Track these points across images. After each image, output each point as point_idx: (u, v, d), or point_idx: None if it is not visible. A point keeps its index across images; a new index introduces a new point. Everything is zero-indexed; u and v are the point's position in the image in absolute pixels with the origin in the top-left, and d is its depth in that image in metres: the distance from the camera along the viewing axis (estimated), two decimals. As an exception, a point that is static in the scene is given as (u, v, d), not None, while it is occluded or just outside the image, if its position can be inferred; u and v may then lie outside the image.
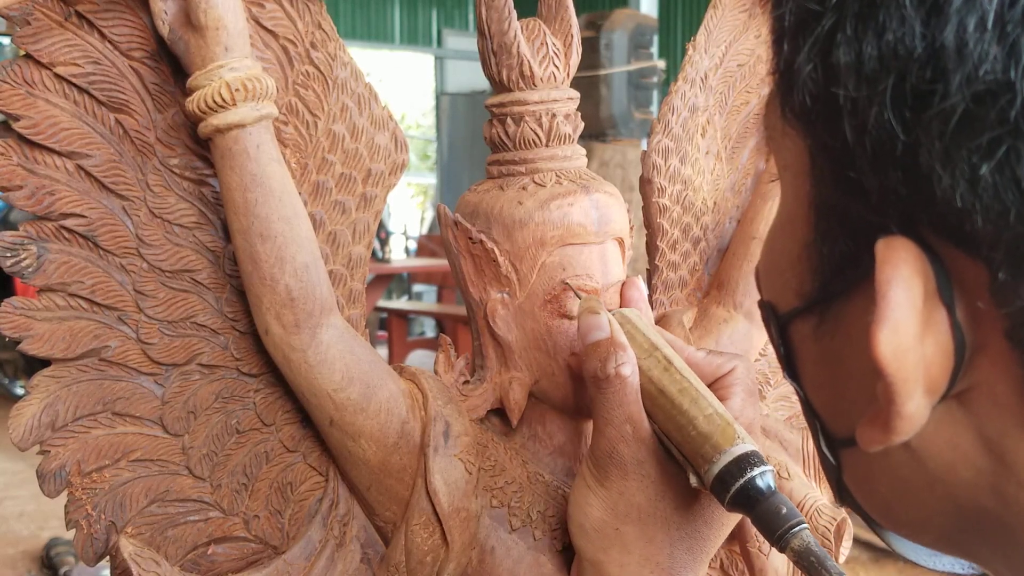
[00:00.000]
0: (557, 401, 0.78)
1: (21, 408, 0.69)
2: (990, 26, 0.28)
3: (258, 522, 0.77)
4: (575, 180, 0.76)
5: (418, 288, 8.33)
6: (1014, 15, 0.28)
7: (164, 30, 0.69)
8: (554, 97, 0.77)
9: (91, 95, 0.70)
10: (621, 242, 0.78)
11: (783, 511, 0.59)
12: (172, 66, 0.72)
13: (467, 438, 0.76)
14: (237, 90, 0.68)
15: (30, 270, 0.69)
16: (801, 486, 0.87)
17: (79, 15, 0.69)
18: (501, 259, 0.76)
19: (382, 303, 6.03)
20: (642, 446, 0.66)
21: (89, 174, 0.71)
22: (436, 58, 9.70)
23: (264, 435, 0.77)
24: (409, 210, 12.41)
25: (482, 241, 0.76)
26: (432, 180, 11.16)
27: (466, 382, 0.80)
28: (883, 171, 0.31)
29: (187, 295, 0.74)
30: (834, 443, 0.40)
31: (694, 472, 0.64)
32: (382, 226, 6.43)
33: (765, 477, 0.61)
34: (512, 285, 0.76)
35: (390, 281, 6.52)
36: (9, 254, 0.68)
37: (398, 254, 7.97)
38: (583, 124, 0.81)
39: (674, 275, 0.92)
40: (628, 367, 0.67)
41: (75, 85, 0.69)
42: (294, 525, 0.77)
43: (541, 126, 0.77)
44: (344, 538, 0.77)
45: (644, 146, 0.90)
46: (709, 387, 0.68)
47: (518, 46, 0.76)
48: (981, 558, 0.37)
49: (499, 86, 0.78)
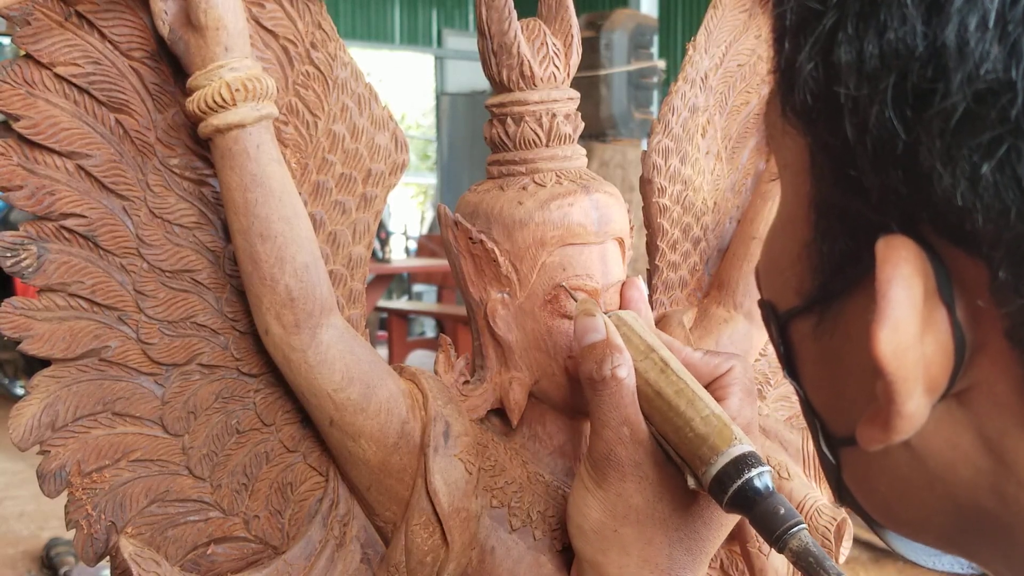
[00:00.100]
0: (557, 401, 0.78)
1: (21, 408, 0.69)
2: (991, 25, 0.28)
3: (258, 522, 0.77)
4: (575, 180, 0.76)
5: (418, 288, 8.33)
6: (1015, 14, 0.28)
7: (164, 30, 0.69)
8: (554, 97, 0.77)
9: (91, 95, 0.70)
10: (621, 242, 0.78)
11: (781, 511, 0.59)
12: (172, 66, 0.72)
13: (467, 438, 0.76)
14: (237, 90, 0.68)
15: (30, 270, 0.69)
16: (801, 486, 0.87)
17: (79, 15, 0.69)
18: (501, 259, 0.76)
19: (382, 303, 6.03)
20: (639, 448, 0.66)
21: (89, 174, 0.71)
22: (436, 58, 9.70)
23: (264, 435, 0.77)
24: (409, 210, 12.41)
25: (482, 241, 0.76)
26: (432, 180, 11.17)
27: (466, 382, 0.80)
28: (884, 170, 0.31)
29: (187, 295, 0.74)
30: (834, 442, 0.40)
31: (692, 474, 0.64)
32: (382, 226, 6.43)
33: (763, 478, 0.61)
34: (512, 285, 0.76)
35: (390, 281, 6.52)
36: (9, 254, 0.68)
37: (398, 254, 7.97)
38: (583, 124, 0.81)
39: (674, 275, 0.92)
40: (624, 369, 0.67)
41: (75, 85, 0.69)
42: (294, 525, 0.77)
43: (541, 126, 0.77)
44: (344, 538, 0.77)
45: (644, 146, 0.90)
46: (707, 387, 0.68)
47: (518, 46, 0.76)
48: (981, 558, 0.37)
49: (499, 86, 0.78)
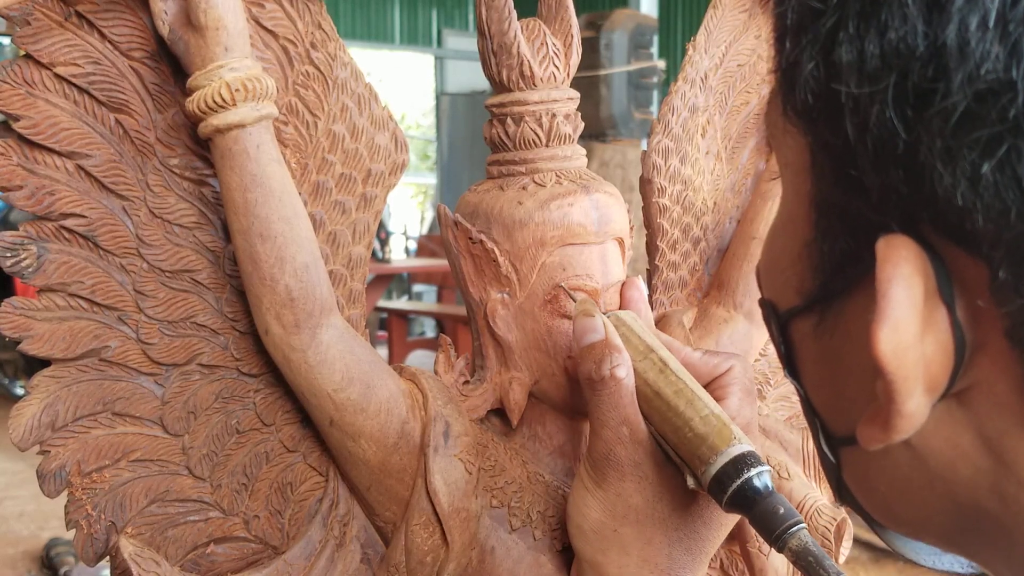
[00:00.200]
0: (557, 401, 0.78)
1: (21, 408, 0.69)
2: (992, 25, 0.28)
3: (258, 522, 0.77)
4: (575, 180, 0.76)
5: (418, 288, 8.33)
6: (1016, 14, 0.28)
7: (164, 30, 0.69)
8: (554, 97, 0.77)
9: (91, 95, 0.70)
10: (621, 242, 0.78)
11: (781, 511, 0.59)
12: (172, 66, 0.72)
13: (467, 438, 0.76)
14: (237, 90, 0.68)
15: (30, 270, 0.69)
16: (801, 486, 0.87)
17: (79, 15, 0.69)
18: (501, 259, 0.76)
19: (382, 303, 6.03)
20: (639, 448, 0.66)
21: (89, 174, 0.71)
22: (436, 58, 9.70)
23: (264, 435, 0.77)
24: (409, 210, 12.41)
25: (482, 241, 0.76)
26: (432, 180, 11.16)
27: (466, 382, 0.80)
28: (884, 169, 0.31)
29: (187, 295, 0.74)
30: (834, 441, 0.40)
31: (691, 474, 0.64)
32: (382, 226, 6.43)
33: (762, 477, 0.61)
34: (512, 285, 0.76)
35: (390, 281, 6.52)
36: (9, 254, 0.68)
37: (398, 254, 7.97)
38: (583, 124, 0.81)
39: (674, 275, 0.92)
40: (623, 369, 0.66)
41: (75, 85, 0.69)
42: (294, 525, 0.77)
43: (541, 126, 0.77)
44: (344, 538, 0.77)
45: (644, 146, 0.90)
46: (706, 387, 0.68)
47: (518, 46, 0.76)
48: (981, 557, 0.37)
49: (499, 86, 0.78)
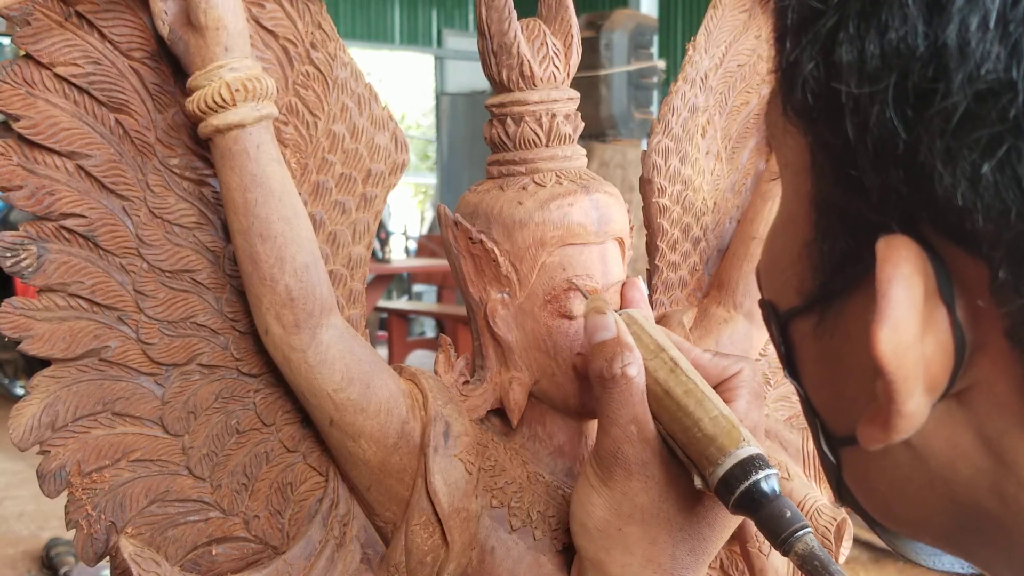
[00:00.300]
0: (557, 401, 0.78)
1: (21, 408, 0.69)
2: (992, 25, 0.28)
3: (258, 522, 0.77)
4: (575, 180, 0.76)
5: (418, 288, 8.33)
6: (1016, 14, 0.28)
7: (164, 30, 0.69)
8: (554, 97, 0.77)
9: (91, 95, 0.70)
10: (621, 242, 0.78)
11: (787, 515, 0.59)
12: (172, 66, 0.72)
13: (467, 438, 0.76)
14: (237, 90, 0.68)
15: (30, 270, 0.69)
16: (801, 486, 0.87)
17: (79, 15, 0.69)
18: (501, 259, 0.76)
19: (382, 303, 6.03)
20: (647, 447, 0.66)
21: (89, 174, 0.71)
22: (436, 58, 9.70)
23: (264, 435, 0.77)
24: (409, 210, 12.41)
25: (482, 241, 0.76)
26: (432, 180, 11.16)
27: (466, 382, 0.80)
28: (884, 169, 0.31)
29: (187, 295, 0.74)
30: (834, 442, 0.40)
31: (699, 474, 0.64)
32: (382, 226, 6.43)
33: (770, 480, 0.61)
34: (512, 285, 0.76)
35: (390, 281, 6.52)
36: (9, 254, 0.68)
37: (398, 254, 7.97)
38: (583, 124, 0.81)
39: (674, 275, 0.92)
40: (634, 367, 0.66)
41: (75, 85, 0.69)
42: (294, 525, 0.77)
43: (541, 126, 0.77)
44: (344, 538, 0.77)
45: (644, 146, 0.90)
46: (715, 389, 0.68)
47: (518, 46, 0.76)
48: (981, 558, 0.37)
49: (499, 86, 0.78)
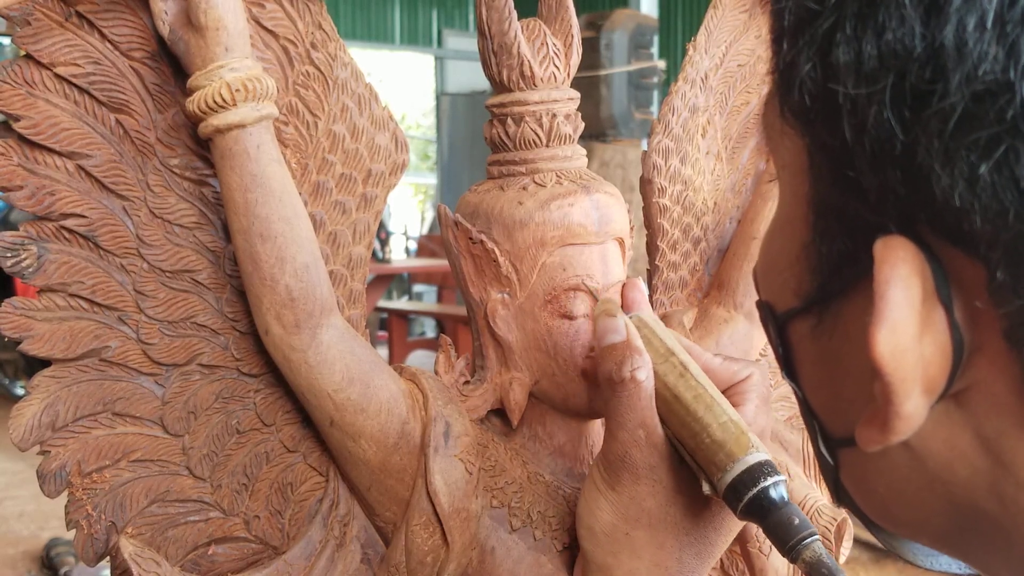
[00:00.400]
0: (557, 401, 0.78)
1: (21, 408, 0.69)
2: (990, 26, 0.28)
3: (258, 522, 0.77)
4: (575, 180, 0.76)
5: (418, 288, 8.33)
6: (1014, 15, 0.28)
7: (164, 30, 0.69)
8: (554, 97, 0.77)
9: (91, 95, 0.70)
10: (621, 242, 0.78)
11: (795, 522, 0.59)
12: (172, 66, 0.72)
13: (467, 438, 0.76)
14: (237, 90, 0.68)
15: (30, 270, 0.69)
16: (801, 486, 0.87)
17: (79, 15, 0.69)
18: (501, 259, 0.76)
19: (382, 303, 6.03)
20: (655, 451, 0.66)
21: (89, 174, 0.71)
22: (436, 58, 9.70)
23: (264, 435, 0.77)
24: (409, 210, 12.41)
25: (482, 241, 0.76)
26: (432, 180, 11.16)
27: (466, 382, 0.80)
28: (882, 170, 0.31)
29: (187, 295, 0.74)
30: (832, 443, 0.40)
31: (707, 480, 0.64)
32: (382, 226, 6.43)
33: (778, 487, 0.61)
34: (512, 285, 0.76)
35: (390, 281, 6.52)
36: (9, 254, 0.68)
37: (398, 254, 7.97)
38: (583, 124, 0.81)
39: (674, 275, 0.92)
40: (643, 371, 0.66)
41: (75, 85, 0.69)
42: (294, 525, 0.77)
43: (541, 126, 0.77)
44: (344, 538, 0.77)
45: (644, 146, 0.90)
46: (724, 393, 0.68)
47: (518, 46, 0.76)
48: (978, 559, 0.37)
49: (499, 86, 0.78)
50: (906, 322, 0.31)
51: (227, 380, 0.76)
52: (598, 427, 0.81)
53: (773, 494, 0.60)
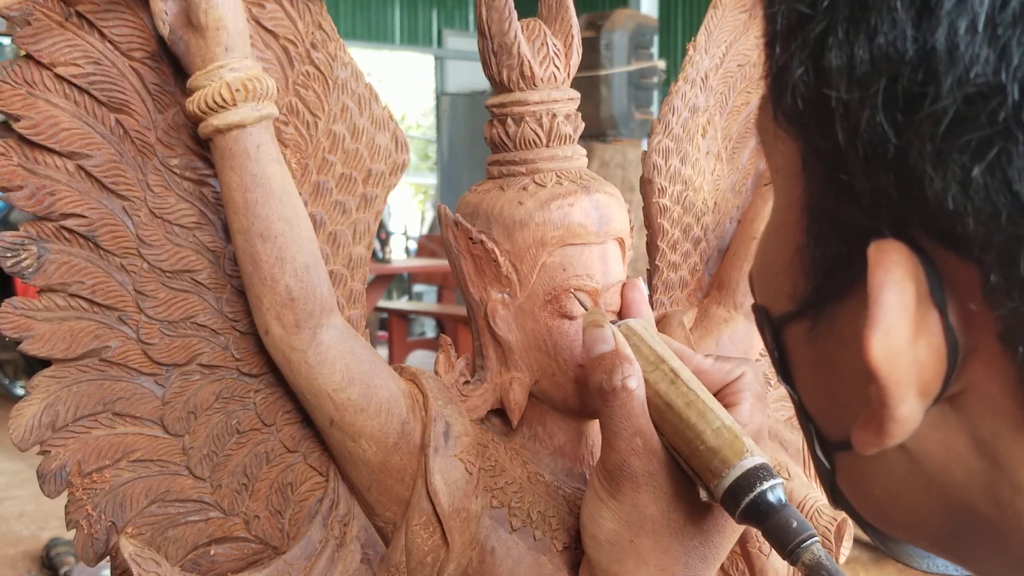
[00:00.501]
0: (557, 401, 0.78)
1: (21, 408, 0.69)
2: (981, 28, 0.28)
3: (258, 522, 0.77)
4: (575, 180, 0.76)
5: (418, 288, 8.33)
6: (1005, 17, 0.28)
7: (164, 30, 0.69)
8: (554, 97, 0.77)
9: (91, 95, 0.70)
10: (621, 242, 0.78)
11: (794, 525, 0.59)
12: (172, 66, 0.72)
13: (467, 438, 0.76)
14: (237, 90, 0.68)
15: (30, 270, 0.69)
16: (801, 486, 0.87)
17: (79, 15, 0.69)
18: (501, 259, 0.76)
19: (382, 303, 6.03)
20: (653, 458, 0.66)
21: (89, 174, 0.71)
22: (436, 58, 9.70)
23: (264, 435, 0.77)
24: (409, 210, 12.41)
25: (482, 241, 0.76)
26: (432, 180, 11.16)
27: (466, 382, 0.80)
28: (875, 174, 0.31)
29: (187, 295, 0.74)
30: (828, 446, 0.40)
31: (704, 486, 0.64)
32: (382, 226, 6.43)
33: (775, 491, 0.61)
34: (512, 285, 0.76)
35: (390, 281, 6.52)
36: (9, 254, 0.68)
37: (398, 254, 7.97)
38: (583, 124, 0.81)
39: (674, 275, 0.92)
40: (634, 380, 0.66)
41: (75, 85, 0.69)
42: (294, 525, 0.77)
43: (541, 126, 0.77)
44: (344, 538, 0.77)
45: (644, 146, 0.90)
46: (717, 394, 0.68)
47: (518, 46, 0.76)
48: (975, 561, 0.37)
49: (499, 86, 0.78)
50: (900, 326, 0.31)
51: (227, 380, 0.76)
52: (598, 427, 0.82)
53: (770, 497, 0.60)
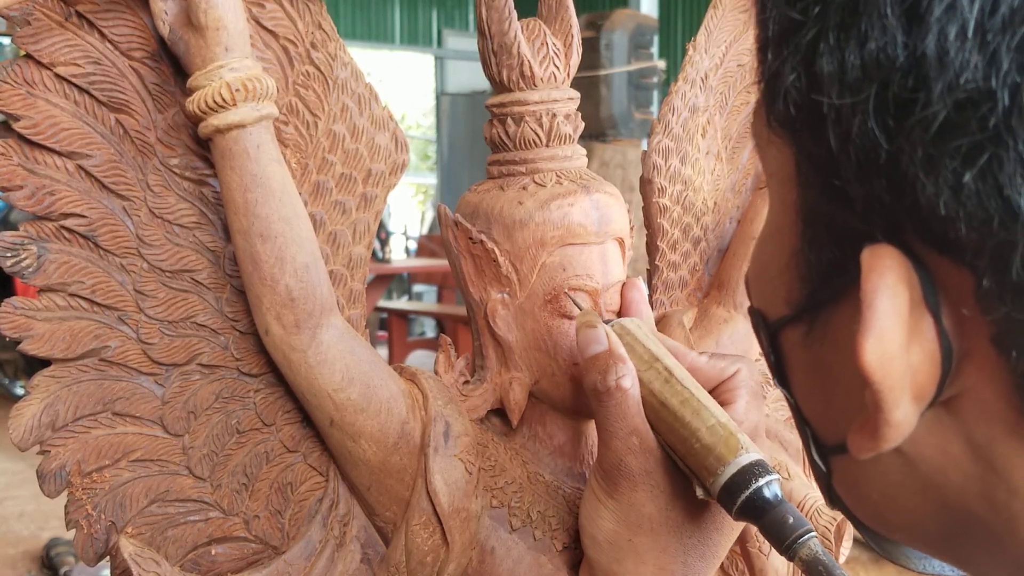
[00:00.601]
0: (557, 401, 0.78)
1: (21, 408, 0.69)
2: (971, 35, 0.28)
3: (258, 522, 0.77)
4: (575, 180, 0.77)
5: (418, 288, 8.33)
6: (994, 24, 0.28)
7: (164, 30, 0.69)
8: (554, 97, 0.77)
9: (91, 95, 0.70)
10: (621, 242, 0.78)
11: (790, 520, 0.59)
12: (172, 66, 0.72)
13: (467, 438, 0.76)
14: (237, 90, 0.68)
15: (30, 270, 0.69)
16: (801, 486, 0.87)
17: (79, 15, 0.69)
18: (501, 259, 0.76)
19: (382, 303, 6.03)
20: (650, 457, 0.66)
21: (89, 174, 0.71)
22: (436, 58, 9.70)
23: (264, 435, 0.77)
24: (409, 210, 12.41)
25: (482, 241, 0.76)
26: (432, 180, 11.16)
27: (466, 382, 0.80)
28: (867, 179, 0.31)
29: (187, 295, 0.74)
30: (824, 450, 0.40)
31: (700, 484, 0.64)
32: (382, 226, 6.42)
33: (771, 487, 0.61)
34: (512, 285, 0.76)
35: (390, 281, 6.52)
36: (9, 254, 0.68)
37: (398, 254, 7.97)
38: (583, 124, 0.81)
39: (674, 275, 0.92)
40: (628, 379, 0.66)
41: (75, 85, 0.69)
42: (294, 525, 0.77)
43: (541, 126, 0.77)
44: (344, 538, 0.77)
45: (644, 146, 0.90)
46: (712, 391, 0.68)
47: (518, 46, 0.76)
48: (971, 563, 0.37)
49: (499, 86, 0.78)
50: (893, 331, 0.31)
51: (227, 380, 0.76)
52: (598, 427, 0.82)
53: (767, 493, 0.61)
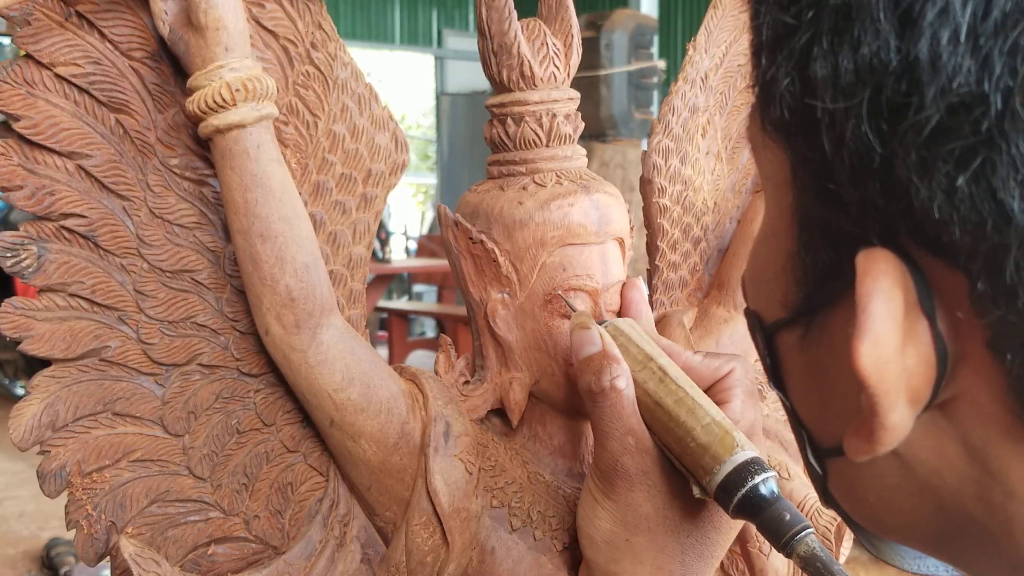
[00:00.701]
0: (557, 401, 0.78)
1: (21, 408, 0.69)
2: (963, 39, 0.28)
3: (258, 522, 0.77)
4: (575, 180, 0.77)
5: (418, 288, 8.33)
6: (987, 28, 0.28)
7: (164, 30, 0.69)
8: (554, 97, 0.77)
9: (91, 95, 0.70)
10: (621, 242, 0.78)
11: (787, 517, 0.59)
12: (172, 66, 0.72)
13: (467, 438, 0.76)
14: (237, 90, 0.68)
15: (30, 270, 0.69)
16: (802, 486, 0.87)
17: (79, 15, 0.69)
18: (501, 259, 0.76)
19: (382, 303, 6.03)
20: (646, 456, 0.66)
21: (89, 174, 0.71)
22: (436, 58, 9.70)
23: (264, 435, 0.77)
24: (409, 210, 12.41)
25: (482, 241, 0.76)
26: (432, 180, 11.16)
27: (466, 382, 0.80)
28: (862, 183, 0.31)
29: (187, 295, 0.74)
30: (820, 453, 0.40)
31: (696, 483, 0.64)
32: (382, 226, 6.42)
33: (768, 484, 0.61)
34: (512, 285, 0.76)
35: (390, 281, 6.52)
36: (9, 254, 0.68)
37: (398, 254, 7.97)
38: (583, 124, 0.81)
39: (674, 275, 0.92)
40: (622, 380, 0.66)
41: (75, 85, 0.69)
42: (294, 525, 0.77)
43: (541, 126, 0.77)
44: (344, 538, 0.77)
45: (644, 146, 0.90)
46: (708, 391, 0.68)
47: (518, 46, 0.76)
48: (967, 563, 0.37)
49: (499, 86, 0.78)
50: (888, 334, 0.31)
51: (227, 380, 0.76)
52: (598, 427, 0.82)
53: (763, 490, 0.61)
